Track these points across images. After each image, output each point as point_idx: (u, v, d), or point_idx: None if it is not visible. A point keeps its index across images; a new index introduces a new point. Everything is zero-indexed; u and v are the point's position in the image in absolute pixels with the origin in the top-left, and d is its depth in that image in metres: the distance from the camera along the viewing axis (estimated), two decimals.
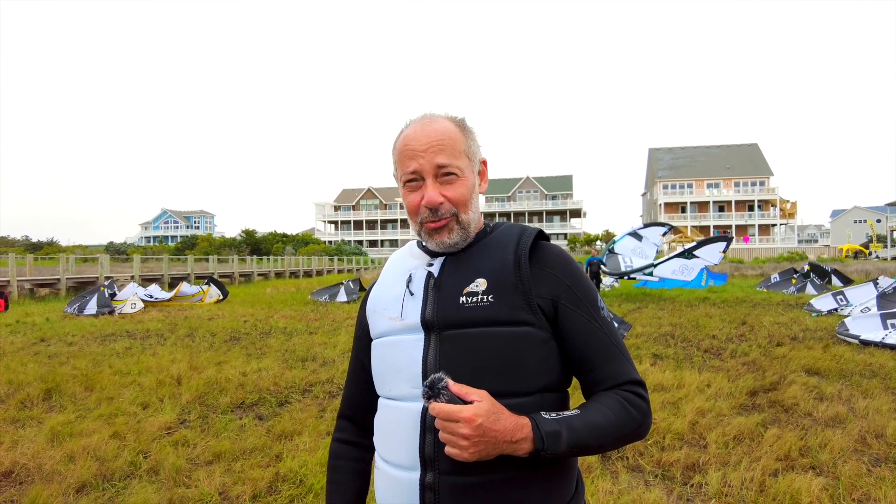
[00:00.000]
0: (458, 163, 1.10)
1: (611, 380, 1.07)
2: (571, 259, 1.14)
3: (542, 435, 0.96)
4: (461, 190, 1.10)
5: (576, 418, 1.00)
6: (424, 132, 1.10)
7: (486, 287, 1.06)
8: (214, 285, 18.40)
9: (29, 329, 11.27)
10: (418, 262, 1.17)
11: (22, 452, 4.07)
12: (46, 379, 6.33)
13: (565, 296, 1.09)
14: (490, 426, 0.93)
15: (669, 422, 4.68)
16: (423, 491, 1.03)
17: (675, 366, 7.07)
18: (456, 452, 0.94)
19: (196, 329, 11.09)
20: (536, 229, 1.15)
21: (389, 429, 1.10)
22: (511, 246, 1.10)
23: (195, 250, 55.08)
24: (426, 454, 1.03)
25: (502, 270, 1.07)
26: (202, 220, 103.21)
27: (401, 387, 1.08)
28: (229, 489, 3.52)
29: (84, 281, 22.85)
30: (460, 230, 1.11)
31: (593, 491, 3.40)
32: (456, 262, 1.12)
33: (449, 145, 1.09)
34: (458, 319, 1.05)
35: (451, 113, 1.17)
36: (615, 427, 1.02)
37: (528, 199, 77.39)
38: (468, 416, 0.92)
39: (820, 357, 7.35)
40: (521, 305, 1.05)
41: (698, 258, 16.99)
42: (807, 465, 3.81)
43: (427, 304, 1.09)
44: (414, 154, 1.09)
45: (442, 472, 1.02)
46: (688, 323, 11.27)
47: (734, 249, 53.45)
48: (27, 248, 61.80)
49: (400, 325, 1.11)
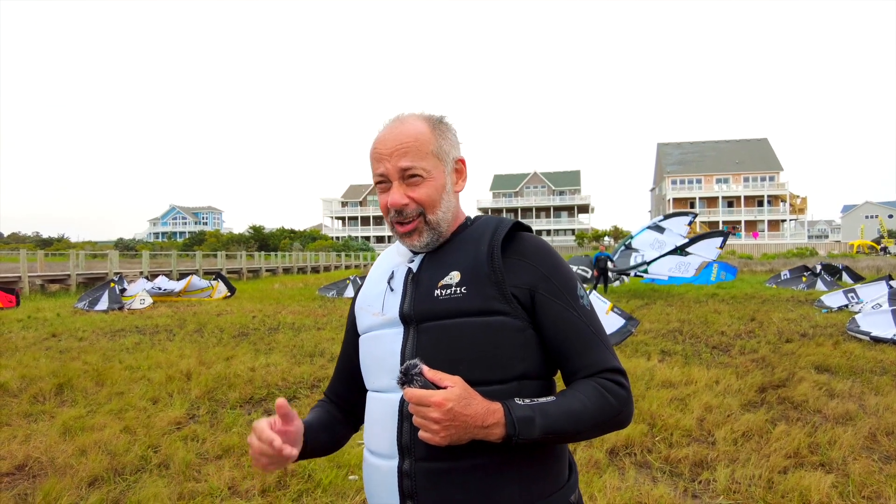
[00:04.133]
0: (424, 164, 1.11)
1: (589, 368, 1.08)
2: (550, 249, 1.15)
3: (513, 420, 0.97)
4: (427, 190, 1.11)
5: (550, 404, 1.01)
6: (392, 135, 1.13)
7: (460, 279, 1.09)
8: (222, 282, 18.51)
9: (40, 324, 11.39)
10: (402, 259, 1.21)
11: (35, 446, 4.12)
12: (58, 374, 6.39)
13: (542, 285, 1.10)
14: (461, 410, 0.94)
15: (677, 418, 4.67)
16: (401, 478, 1.06)
17: (684, 362, 7.04)
18: (428, 437, 0.96)
19: (205, 325, 11.16)
20: (513, 220, 1.17)
21: (373, 420, 1.14)
22: (486, 238, 1.13)
23: (203, 246, 55.39)
24: (403, 442, 1.06)
25: (475, 262, 1.10)
26: (210, 216, 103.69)
27: (382, 379, 1.12)
28: (238, 484, 3.55)
29: (94, 277, 23.04)
30: (429, 231, 1.13)
31: (601, 487, 3.40)
32: (434, 257, 1.16)
33: (414, 147, 1.11)
34: (433, 312, 1.08)
35: (427, 112, 1.18)
36: (591, 414, 1.02)
37: (535, 194, 77.20)
38: (438, 400, 0.93)
39: (830, 354, 7.30)
40: (494, 295, 1.07)
41: (693, 255, 16.48)
42: (816, 463, 3.79)
43: (405, 299, 1.13)
44: (381, 157, 1.12)
45: (418, 459, 1.04)
46: (696, 319, 11.23)
47: (743, 245, 53.11)
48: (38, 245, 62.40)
49: (381, 319, 1.15)
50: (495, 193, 78.12)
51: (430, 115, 1.18)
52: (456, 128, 1.22)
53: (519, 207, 76.09)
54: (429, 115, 1.18)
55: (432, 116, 1.18)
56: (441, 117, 1.19)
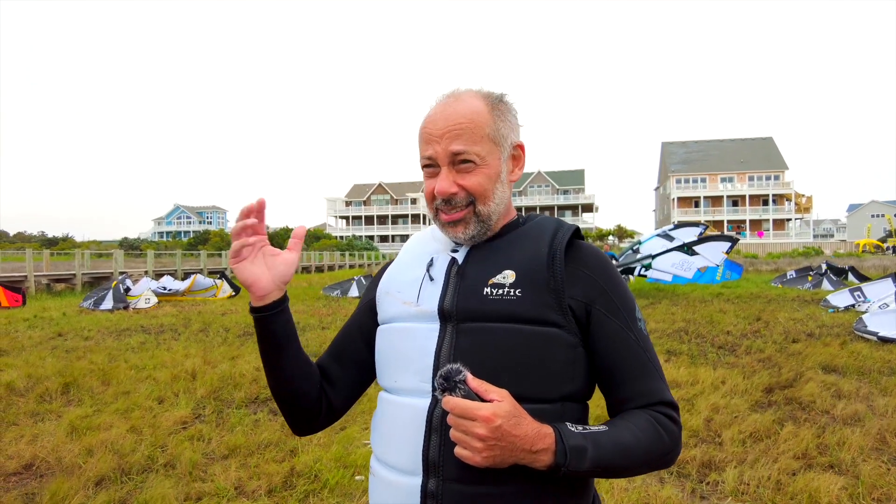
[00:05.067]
0: (478, 149, 1.00)
1: (643, 398, 0.99)
2: (611, 262, 1.05)
3: (565, 448, 0.86)
4: (479, 178, 1.00)
5: (603, 435, 0.91)
6: (444, 114, 1.01)
7: (515, 280, 0.97)
8: (226, 281, 18.54)
9: (46, 323, 11.43)
10: (442, 246, 1.08)
11: (42, 446, 4.13)
12: (64, 373, 6.41)
13: (601, 301, 1.00)
14: (509, 430, 0.83)
15: (684, 419, 4.65)
16: (425, 499, 0.94)
17: (690, 362, 7.02)
18: (467, 455, 0.85)
19: (209, 324, 11.18)
20: (574, 226, 1.06)
21: (390, 427, 1.01)
22: (545, 239, 1.02)
23: (208, 246, 55.53)
24: (430, 458, 0.94)
25: (533, 264, 0.98)
26: (214, 215, 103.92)
27: (407, 379, 1.00)
28: (245, 484, 3.55)
29: (99, 276, 23.12)
30: (478, 223, 1.02)
31: (608, 488, 3.39)
32: (483, 250, 1.04)
33: (469, 129, 0.99)
34: (479, 311, 0.97)
35: (486, 88, 1.06)
36: (644, 450, 0.93)
37: (539, 193, 77.14)
38: (487, 415, 0.83)
39: (837, 354, 7.26)
40: (550, 304, 0.96)
41: (699, 255, 16.40)
42: (825, 464, 3.77)
43: (447, 292, 1.01)
44: (431, 138, 1.01)
45: (447, 479, 0.92)
46: (701, 319, 11.18)
47: (748, 244, 52.94)
48: (43, 244, 62.66)
49: (414, 311, 1.03)
50: None
51: (490, 93, 1.05)
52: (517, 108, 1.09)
53: (523, 207, 75.97)
54: (487, 91, 1.05)
55: (492, 94, 1.05)
56: (502, 95, 1.06)
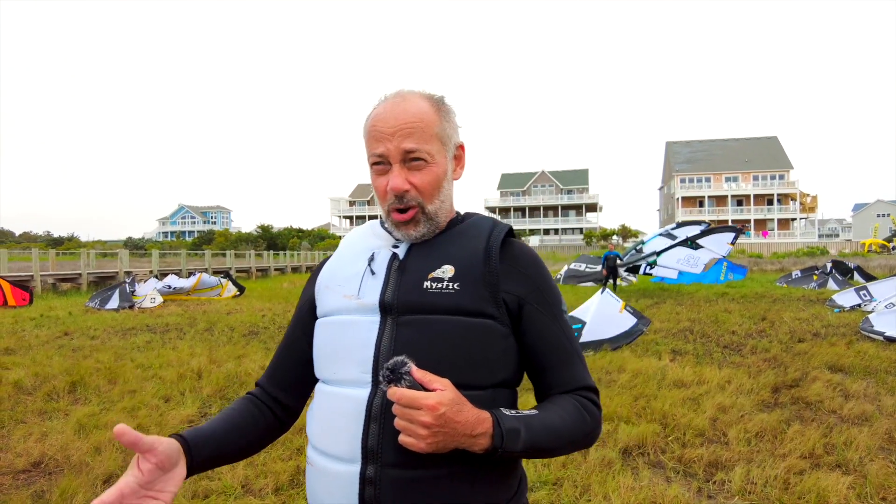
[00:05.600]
0: (429, 147, 1.03)
1: (567, 384, 1.06)
2: (541, 260, 1.12)
3: (502, 432, 0.92)
4: (429, 177, 1.04)
5: (534, 418, 0.97)
6: (394, 113, 1.03)
7: (454, 274, 1.02)
8: (231, 282, 18.60)
9: (53, 323, 11.48)
10: (382, 242, 1.12)
11: (50, 444, 4.16)
12: (71, 372, 6.44)
13: (532, 296, 1.06)
14: (452, 416, 0.88)
15: (690, 418, 4.65)
16: (364, 485, 0.96)
17: (695, 361, 7.00)
18: (412, 442, 0.89)
19: (215, 323, 11.22)
20: (508, 225, 1.12)
21: (329, 418, 1.02)
22: (482, 237, 1.07)
23: (212, 245, 55.69)
24: (369, 445, 0.96)
25: (471, 260, 1.03)
26: (219, 215, 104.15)
27: (347, 370, 1.02)
28: (252, 482, 3.56)
29: (104, 276, 23.22)
30: (427, 222, 1.06)
31: (615, 487, 3.39)
32: (423, 246, 1.08)
33: (419, 128, 1.02)
34: (419, 304, 1.00)
35: (427, 90, 1.09)
36: (570, 431, 1.00)
37: (543, 193, 77.04)
38: (432, 403, 0.87)
39: (843, 353, 7.23)
40: (486, 297, 1.01)
41: (704, 248, 16.33)
42: (833, 464, 3.76)
43: (388, 286, 1.04)
44: (381, 136, 1.03)
45: (385, 465, 0.95)
46: (706, 318, 11.17)
47: (753, 244, 52.78)
48: (49, 244, 62.91)
49: (355, 304, 1.05)
50: (503, 192, 78.00)
51: (432, 95, 1.09)
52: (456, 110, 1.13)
53: (527, 206, 75.98)
54: (430, 93, 1.09)
55: (434, 96, 1.09)
56: (442, 97, 1.10)
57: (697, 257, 16.33)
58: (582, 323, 7.94)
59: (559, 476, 3.59)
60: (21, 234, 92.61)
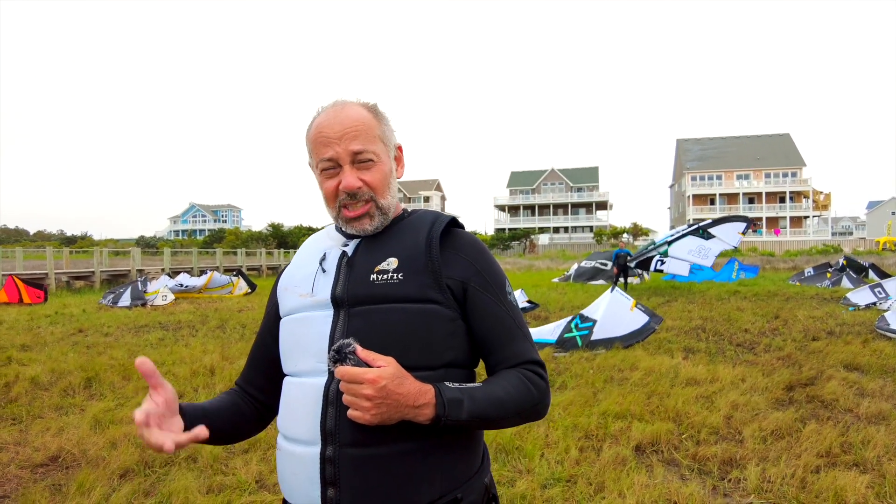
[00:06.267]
0: (374, 148, 1.12)
1: (513, 358, 1.12)
2: (483, 246, 1.19)
3: (444, 401, 0.98)
4: (378, 175, 1.13)
5: (477, 389, 1.04)
6: (338, 119, 1.12)
7: (397, 266, 1.09)
8: (242, 279, 18.70)
9: (67, 320, 11.61)
10: (333, 242, 1.20)
11: (67, 438, 4.21)
12: (86, 368, 6.51)
13: (475, 279, 1.13)
14: (394, 389, 0.95)
15: (704, 416, 4.61)
16: (324, 464, 1.04)
17: (708, 360, 6.95)
18: (358, 415, 0.96)
19: (226, 321, 11.29)
20: (450, 216, 1.20)
21: (292, 405, 1.11)
22: (424, 229, 1.14)
23: (223, 243, 56.03)
24: (327, 427, 1.04)
25: (413, 251, 1.11)
26: (229, 213, 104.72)
27: (306, 361, 1.10)
28: (266, 477, 3.59)
29: (117, 274, 23.45)
30: (380, 215, 1.14)
31: (629, 484, 3.37)
32: (370, 243, 1.15)
33: (363, 131, 1.11)
34: (367, 296, 1.08)
35: (362, 99, 1.19)
36: (515, 402, 1.06)
37: (552, 191, 76.76)
38: (372, 377, 0.94)
39: (859, 352, 7.15)
40: (429, 284, 1.08)
41: (715, 237, 16.08)
42: (850, 463, 3.72)
43: (338, 281, 1.12)
44: (329, 141, 1.11)
45: (342, 445, 1.02)
46: (719, 316, 11.08)
47: (764, 242, 52.32)
48: (62, 242, 63.61)
49: (310, 301, 1.13)
50: (512, 190, 77.81)
51: (367, 102, 1.18)
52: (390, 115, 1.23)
53: (536, 204, 75.73)
54: (364, 101, 1.18)
55: (368, 103, 1.18)
56: (376, 104, 1.19)
57: (709, 248, 16.09)
58: (593, 321, 7.90)
59: (573, 473, 3.58)
60: (35, 233, 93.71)
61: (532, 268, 35.35)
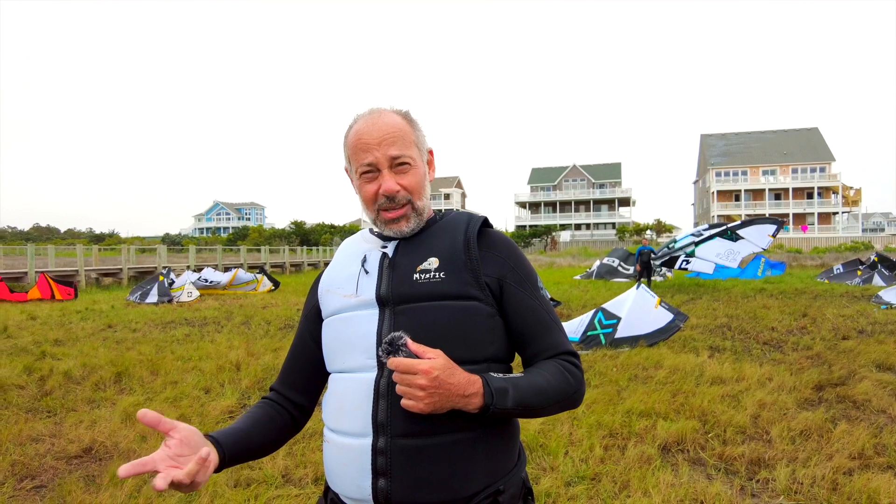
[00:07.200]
0: (410, 153, 1.18)
1: (549, 350, 1.17)
2: (515, 244, 1.25)
3: (491, 391, 1.03)
4: (415, 178, 1.18)
5: (521, 379, 1.09)
6: (376, 126, 1.17)
7: (438, 265, 1.14)
8: (266, 276, 18.92)
9: (97, 316, 11.89)
10: (371, 245, 1.24)
11: (100, 431, 4.31)
12: (116, 363, 6.66)
13: (510, 276, 1.19)
14: (445, 379, 1.00)
15: (730, 415, 4.55)
16: (375, 455, 1.07)
17: (734, 358, 6.84)
18: (411, 404, 1.00)
19: (251, 317, 11.44)
20: (483, 216, 1.25)
21: (341, 400, 1.14)
22: (461, 229, 1.20)
23: (247, 241, 56.77)
24: (378, 420, 1.08)
25: (453, 251, 1.16)
26: (253, 211, 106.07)
27: (355, 358, 1.14)
28: (292, 472, 3.63)
29: (144, 270, 23.93)
30: (416, 217, 1.19)
31: (654, 483, 3.34)
32: (409, 244, 1.20)
33: (400, 137, 1.17)
34: (412, 294, 1.13)
35: (395, 106, 1.25)
36: (555, 390, 1.11)
37: (574, 187, 76.13)
38: (426, 368, 0.99)
39: (893, 352, 6.97)
40: (470, 282, 1.14)
41: (744, 240, 15.58)
42: (884, 465, 3.63)
43: (382, 281, 1.16)
44: (368, 147, 1.16)
45: (394, 436, 1.07)
46: (745, 315, 10.89)
47: (792, 239, 51.22)
48: (91, 240, 65.01)
49: (355, 301, 1.18)
50: (533, 187, 77.40)
51: (400, 109, 1.24)
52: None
53: (558, 201, 75.19)
54: (398, 108, 1.24)
55: (401, 110, 1.23)
56: (408, 111, 1.24)
57: (737, 251, 15.64)
58: (617, 319, 7.83)
59: (598, 472, 3.56)
60: (66, 231, 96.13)
61: (553, 265, 35.12)
